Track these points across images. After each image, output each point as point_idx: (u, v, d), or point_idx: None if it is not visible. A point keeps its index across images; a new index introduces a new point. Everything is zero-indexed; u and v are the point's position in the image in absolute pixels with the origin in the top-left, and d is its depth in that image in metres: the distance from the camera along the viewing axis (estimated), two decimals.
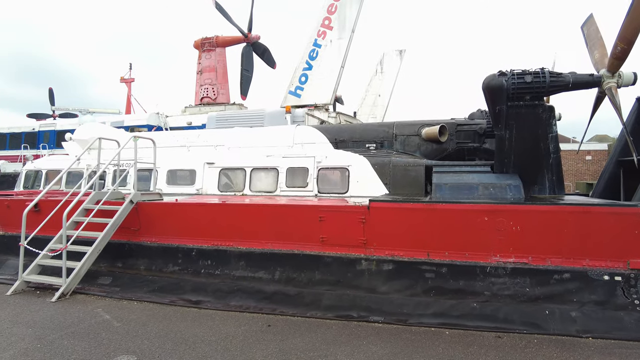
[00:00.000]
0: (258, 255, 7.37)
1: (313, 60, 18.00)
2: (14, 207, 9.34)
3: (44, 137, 20.53)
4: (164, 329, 5.54)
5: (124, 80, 26.91)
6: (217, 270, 7.53)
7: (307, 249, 7.15)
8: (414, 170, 8.80)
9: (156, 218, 8.16)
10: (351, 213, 6.88)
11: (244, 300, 6.70)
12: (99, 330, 5.46)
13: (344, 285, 6.77)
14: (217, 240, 7.70)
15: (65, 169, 9.21)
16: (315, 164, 9.41)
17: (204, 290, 7.05)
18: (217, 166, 10.44)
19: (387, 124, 10.21)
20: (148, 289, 7.26)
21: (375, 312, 6.11)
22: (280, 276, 7.13)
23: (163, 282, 7.40)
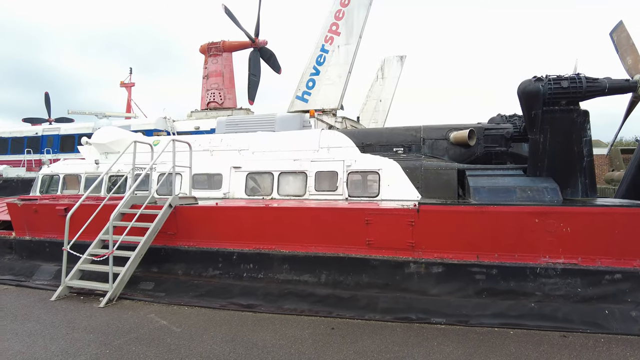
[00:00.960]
0: (302, 258, 7.33)
1: (320, 66, 18.08)
2: (41, 211, 9.14)
3: (47, 141, 20.16)
4: (228, 333, 5.46)
5: (124, 84, 26.62)
6: (260, 273, 7.47)
7: (353, 252, 7.13)
8: (445, 173, 8.86)
9: (195, 222, 8.07)
10: (400, 216, 6.90)
11: (296, 304, 6.65)
12: (161, 335, 5.36)
13: (392, 288, 6.77)
14: (259, 244, 7.63)
15: (104, 173, 9.09)
16: (345, 167, 9.42)
17: (254, 294, 6.98)
18: (244, 170, 10.38)
19: (414, 127, 10.27)
20: (194, 294, 7.15)
21: (435, 314, 6.12)
22: (327, 279, 7.10)
23: (209, 286, 7.29)
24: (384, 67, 26.93)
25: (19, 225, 9.46)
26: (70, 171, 12.19)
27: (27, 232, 9.43)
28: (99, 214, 8.58)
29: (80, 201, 7.81)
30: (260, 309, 6.59)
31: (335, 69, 17.80)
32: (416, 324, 5.89)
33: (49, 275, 8.29)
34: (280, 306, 6.65)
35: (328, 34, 17.91)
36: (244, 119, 17.78)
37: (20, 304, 6.74)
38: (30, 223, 9.31)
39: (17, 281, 8.20)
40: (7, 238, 9.53)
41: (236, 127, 17.15)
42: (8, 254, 9.47)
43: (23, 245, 9.38)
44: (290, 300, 6.74)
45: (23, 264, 8.89)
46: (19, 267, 8.76)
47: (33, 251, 9.25)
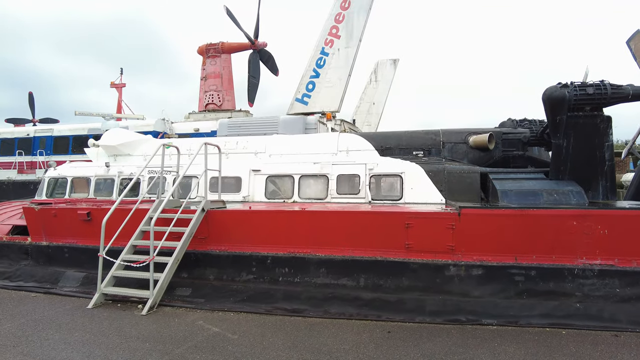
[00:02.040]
0: (339, 262, 7.32)
1: (320, 68, 18.10)
2: (61, 216, 8.86)
3: (39, 142, 19.51)
4: (287, 339, 5.41)
5: (115, 85, 26.01)
6: (297, 277, 7.42)
7: (391, 255, 7.16)
8: (468, 177, 9.00)
9: (227, 226, 7.96)
10: (441, 219, 6.97)
11: (343, 308, 6.64)
12: (220, 343, 5.27)
13: (433, 290, 6.83)
14: (294, 248, 7.58)
15: (137, 175, 8.92)
16: (367, 170, 9.46)
17: (297, 299, 6.93)
18: (263, 173, 10.30)
19: (434, 131, 10.38)
20: (235, 299, 7.05)
21: (484, 316, 6.21)
22: (366, 283, 7.11)
23: (249, 291, 7.20)
24: (377, 70, 27.13)
25: (35, 230, 9.14)
26: (79, 174, 11.86)
27: (44, 237, 9.12)
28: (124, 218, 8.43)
29: (115, 206, 7.60)
30: (308, 313, 6.55)
31: (335, 71, 17.83)
32: (468, 325, 5.95)
33: (76, 282, 8.03)
34: (326, 310, 6.62)
35: (328, 36, 17.93)
36: (247, 121, 17.62)
37: (57, 312, 6.51)
38: (48, 228, 9.01)
39: (44, 288, 7.90)
40: (23, 244, 9.20)
41: (239, 129, 16.97)
42: (24, 259, 9.14)
43: (40, 250, 9.06)
44: (335, 305, 6.72)
45: (44, 270, 8.59)
46: (41, 274, 8.46)
47: (51, 257, 8.95)
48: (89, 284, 7.88)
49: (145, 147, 12.17)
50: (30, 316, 6.31)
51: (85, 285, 7.90)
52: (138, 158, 12.02)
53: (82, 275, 8.13)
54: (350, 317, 6.37)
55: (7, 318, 6.20)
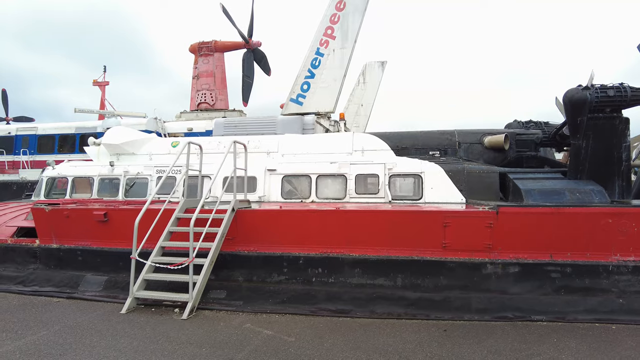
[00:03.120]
0: (374, 262, 7.23)
1: (315, 69, 17.97)
2: (74, 217, 8.42)
3: (22, 141, 18.55)
4: (347, 340, 5.28)
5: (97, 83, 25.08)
6: (331, 278, 7.29)
7: (428, 254, 7.13)
8: (488, 176, 9.10)
9: (256, 226, 7.74)
10: (479, 218, 6.99)
11: (389, 308, 6.55)
12: (279, 346, 5.09)
13: (471, 289, 6.84)
14: (326, 248, 7.45)
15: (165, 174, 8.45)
16: (386, 170, 9.43)
17: (340, 299, 6.80)
18: (279, 173, 10.13)
19: (449, 131, 10.46)
20: (275, 301, 6.86)
21: (531, 312, 6.25)
22: (403, 282, 7.05)
23: (289, 292, 7.02)
24: (365, 72, 27.25)
25: (44, 232, 8.64)
26: (81, 173, 11.34)
27: (54, 239, 8.64)
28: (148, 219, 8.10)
29: (147, 206, 7.25)
30: (354, 314, 6.43)
31: (330, 72, 17.74)
32: (519, 322, 5.99)
33: (98, 286, 7.62)
34: (373, 310, 6.53)
35: (323, 37, 17.82)
36: (244, 121, 17.34)
37: (90, 318, 6.14)
38: (59, 230, 8.54)
39: (65, 293, 7.46)
40: (31, 246, 8.68)
41: (235, 128, 16.67)
42: (32, 263, 8.62)
43: (50, 253, 8.57)
44: (380, 305, 6.63)
45: (61, 274, 8.12)
46: (58, 278, 7.99)
47: (62, 260, 8.48)
48: (113, 288, 7.51)
49: (149, 145, 11.77)
50: (63, 322, 5.93)
51: (108, 290, 7.52)
52: (143, 157, 11.60)
53: (104, 279, 7.74)
54: (399, 317, 6.30)
55: (38, 325, 5.80)
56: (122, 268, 8.02)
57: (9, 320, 6.01)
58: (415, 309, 6.52)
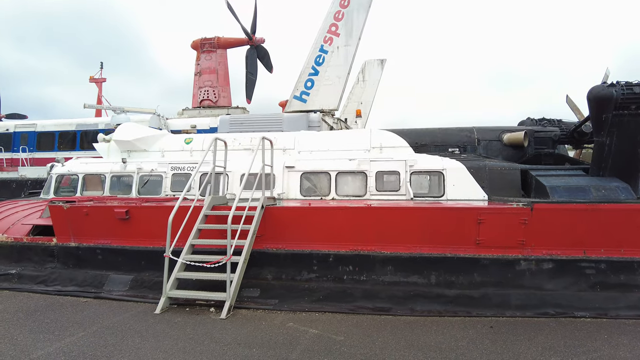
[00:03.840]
0: (406, 259, 7.15)
1: (319, 66, 17.83)
2: (93, 215, 8.18)
3: (21, 138, 18.06)
4: (398, 339, 5.17)
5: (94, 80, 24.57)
6: (363, 275, 7.18)
7: (461, 251, 7.07)
8: (509, 173, 9.08)
9: (285, 223, 7.60)
10: (513, 215, 6.95)
11: (429, 305, 6.47)
12: (330, 345, 4.95)
13: (506, 285, 6.80)
14: (357, 245, 7.34)
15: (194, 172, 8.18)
16: (407, 167, 9.36)
17: (376, 297, 6.69)
18: (297, 170, 10.00)
19: (467, 128, 10.43)
20: (311, 299, 6.73)
21: (571, 308, 6.22)
22: (438, 280, 6.98)
23: (324, 290, 6.89)
24: (365, 71, 27.15)
25: (62, 231, 8.38)
26: (92, 170, 11.07)
27: (72, 237, 8.38)
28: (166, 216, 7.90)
29: (179, 203, 7.04)
30: (395, 312, 6.34)
31: (334, 69, 17.60)
32: (561, 318, 5.96)
33: (124, 286, 7.40)
34: (412, 308, 6.44)
35: (327, 34, 17.67)
36: (250, 118, 17.14)
37: (126, 319, 5.91)
38: (78, 228, 8.29)
39: (92, 293, 7.23)
40: (48, 245, 8.42)
41: (241, 126, 16.44)
42: (49, 262, 8.35)
43: (68, 252, 8.31)
44: (420, 302, 6.55)
45: (84, 274, 7.87)
46: (81, 277, 7.74)
47: (81, 259, 8.23)
48: (139, 287, 7.30)
49: (162, 142, 11.53)
50: (99, 323, 5.72)
51: (135, 289, 7.31)
52: (155, 154, 11.36)
53: (130, 278, 7.52)
54: (440, 314, 6.23)
55: (74, 326, 5.58)
56: (145, 267, 7.83)
57: (42, 321, 5.78)
58: (454, 306, 6.45)
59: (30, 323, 5.71)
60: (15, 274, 8.05)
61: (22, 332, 5.33)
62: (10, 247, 8.65)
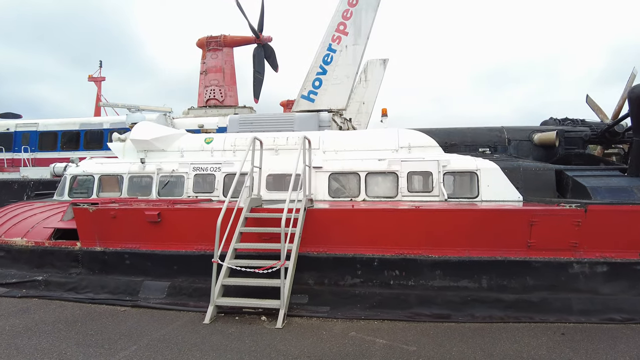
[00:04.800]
0: (455, 263, 6.87)
1: (327, 65, 17.54)
2: (121, 217, 7.73)
3: (22, 138, 17.36)
4: (470, 347, 4.87)
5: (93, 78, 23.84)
6: (410, 280, 6.88)
7: (512, 254, 6.81)
8: (544, 174, 8.90)
9: (326, 226, 7.25)
10: (567, 216, 6.71)
11: (488, 311, 6.18)
12: (407, 356, 4.62)
13: (560, 289, 6.57)
14: (402, 249, 7.03)
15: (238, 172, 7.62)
16: (440, 168, 9.11)
17: (432, 303, 6.38)
18: (325, 170, 9.68)
19: (497, 128, 10.21)
20: (365, 306, 6.40)
21: (636, 314, 6.01)
22: (489, 284, 6.71)
23: (376, 297, 6.55)
24: (367, 70, 26.90)
25: (87, 234, 7.91)
26: (108, 171, 10.59)
27: (97, 241, 7.93)
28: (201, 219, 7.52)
29: (226, 205, 6.65)
30: (456, 318, 6.04)
31: (343, 69, 17.33)
32: (632, 324, 5.73)
33: (161, 293, 6.97)
34: (472, 314, 6.15)
35: (335, 33, 17.40)
36: (259, 118, 16.75)
37: (174, 330, 5.47)
38: (104, 231, 7.83)
39: (130, 301, 6.78)
40: (72, 249, 7.94)
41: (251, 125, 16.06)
42: (73, 267, 7.88)
43: (94, 257, 7.85)
44: (478, 308, 6.26)
45: (115, 280, 7.41)
46: (114, 284, 7.28)
47: (108, 264, 7.77)
48: (178, 295, 6.89)
49: (181, 142, 11.09)
50: (149, 335, 5.30)
51: (174, 296, 6.88)
52: (174, 154, 10.92)
53: (166, 284, 7.09)
54: (502, 320, 5.96)
55: (123, 339, 5.16)
56: (178, 272, 7.42)
57: (86, 333, 5.34)
58: (515, 311, 6.18)
59: (74, 335, 5.27)
60: (43, 281, 7.56)
61: (69, 346, 4.90)
62: (31, 252, 8.16)
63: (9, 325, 5.58)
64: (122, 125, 17.04)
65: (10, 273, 7.91)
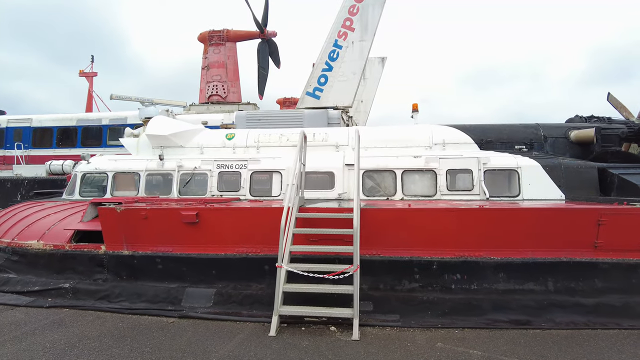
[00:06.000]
0: (519, 265, 6.43)
1: (333, 62, 17.04)
2: (154, 218, 7.02)
3: (14, 134, 16.19)
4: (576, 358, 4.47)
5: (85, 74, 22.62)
6: (473, 284, 6.41)
7: (577, 255, 6.43)
8: (586, 172, 8.62)
9: (380, 227, 6.71)
10: (638, 215, 6.37)
11: (569, 316, 5.74)
12: None
13: (631, 292, 6.22)
14: (462, 251, 6.56)
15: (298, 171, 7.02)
16: (480, 165, 8.71)
17: (507, 308, 5.91)
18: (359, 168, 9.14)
19: (532, 125, 9.87)
20: (436, 313, 5.88)
21: None
22: (555, 287, 6.31)
23: (444, 303, 6.03)
24: (366, 69, 26.42)
25: (113, 237, 7.16)
26: (123, 168, 9.80)
27: (124, 244, 7.19)
28: (243, 220, 6.90)
29: (286, 205, 6.02)
30: (538, 324, 5.58)
31: (349, 65, 16.83)
32: None
33: (207, 301, 6.28)
34: (552, 319, 5.71)
35: (342, 29, 16.88)
36: (268, 114, 16.09)
37: (239, 345, 4.76)
38: (133, 233, 7.10)
39: (176, 311, 6.04)
40: (96, 253, 7.19)
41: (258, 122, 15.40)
42: (98, 272, 7.13)
43: (121, 261, 7.11)
44: (556, 313, 5.82)
45: (153, 288, 6.67)
46: (152, 292, 6.54)
47: (137, 269, 7.05)
48: (227, 303, 6.21)
49: (200, 138, 10.39)
50: (216, 352, 4.62)
51: (221, 305, 6.21)
52: (193, 150, 10.20)
53: (211, 291, 6.41)
54: (588, 326, 5.53)
55: (187, 357, 4.50)
56: (217, 277, 6.76)
57: (142, 350, 4.65)
58: (597, 316, 5.77)
59: (129, 353, 4.58)
60: (70, 289, 6.78)
61: None
62: (49, 256, 7.37)
63: (48, 341, 4.84)
64: (122, 121, 16.13)
65: (29, 280, 7.10)
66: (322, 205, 7.31)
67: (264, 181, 9.44)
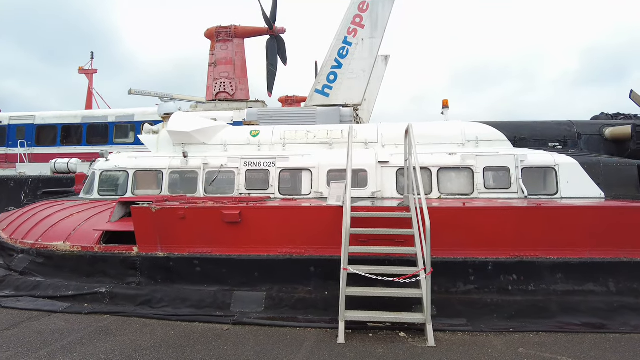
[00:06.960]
0: (577, 265, 6.17)
1: (343, 59, 16.74)
2: (192, 218, 6.60)
3: (17, 132, 15.50)
4: None
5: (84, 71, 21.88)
6: (530, 285, 6.14)
7: (637, 255, 6.21)
8: (626, 169, 8.42)
9: (433, 226, 6.40)
10: None
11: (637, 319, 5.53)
12: None
13: None
14: (517, 251, 6.27)
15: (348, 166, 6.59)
16: (518, 163, 8.46)
17: (577, 311, 5.62)
18: (392, 165, 8.86)
19: (566, 122, 9.64)
20: (502, 316, 5.55)
21: None
22: (617, 288, 6.07)
23: (510, 306, 5.72)
24: None
25: (146, 238, 6.72)
26: (145, 166, 9.34)
27: (159, 246, 6.76)
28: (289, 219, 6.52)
29: (349, 204, 5.66)
30: (614, 328, 5.28)
31: (359, 62, 16.55)
32: None
33: (258, 306, 5.86)
34: (627, 323, 5.42)
35: (351, 25, 16.60)
36: (280, 112, 15.73)
37: (311, 355, 4.40)
38: (169, 234, 6.66)
39: (227, 317, 5.61)
40: (128, 255, 6.74)
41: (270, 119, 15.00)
42: (131, 276, 6.68)
43: (155, 264, 6.66)
44: (629, 316, 5.53)
45: (198, 293, 6.23)
46: (196, 297, 6.10)
47: (173, 272, 6.62)
48: (279, 307, 5.81)
49: (223, 134, 9.97)
50: None
51: (274, 309, 5.80)
52: (216, 147, 9.77)
53: (261, 295, 6.01)
54: None
55: None
56: (260, 280, 6.37)
57: None
58: None
59: None
60: (107, 293, 6.32)
61: None
62: (78, 258, 6.90)
63: (103, 352, 4.40)
64: (129, 118, 15.58)
65: (61, 284, 6.62)
66: (385, 204, 7.03)
67: (293, 179, 9.07)
